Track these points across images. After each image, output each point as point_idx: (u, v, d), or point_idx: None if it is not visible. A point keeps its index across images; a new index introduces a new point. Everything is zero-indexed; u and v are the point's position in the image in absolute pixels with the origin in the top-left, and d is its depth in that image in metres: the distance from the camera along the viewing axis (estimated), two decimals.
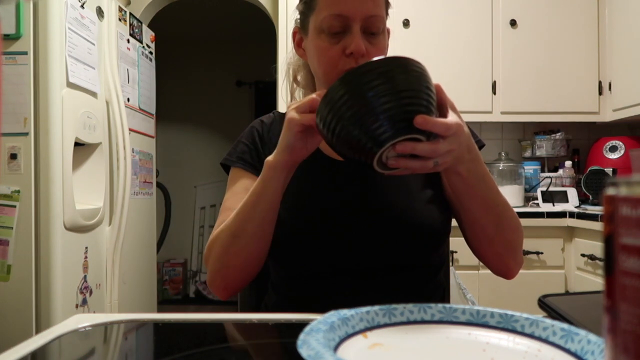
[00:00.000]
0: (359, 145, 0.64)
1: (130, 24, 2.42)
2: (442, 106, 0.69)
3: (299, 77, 0.99)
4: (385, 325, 0.56)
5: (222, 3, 3.75)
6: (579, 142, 2.81)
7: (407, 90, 0.63)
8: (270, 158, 0.76)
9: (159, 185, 4.35)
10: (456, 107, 0.71)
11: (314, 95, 0.70)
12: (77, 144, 1.89)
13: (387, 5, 0.87)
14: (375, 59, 0.64)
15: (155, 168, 2.79)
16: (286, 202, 0.86)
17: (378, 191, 0.86)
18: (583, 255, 2.08)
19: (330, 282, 0.85)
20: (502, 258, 0.83)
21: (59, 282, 1.75)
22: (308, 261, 0.86)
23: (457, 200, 0.79)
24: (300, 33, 0.90)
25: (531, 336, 0.53)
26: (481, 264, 0.87)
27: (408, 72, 0.64)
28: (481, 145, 0.87)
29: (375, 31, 0.81)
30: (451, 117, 0.67)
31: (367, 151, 0.65)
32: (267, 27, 3.22)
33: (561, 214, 2.19)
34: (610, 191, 0.27)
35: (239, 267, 0.82)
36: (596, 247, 2.02)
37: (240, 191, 0.86)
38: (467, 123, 0.80)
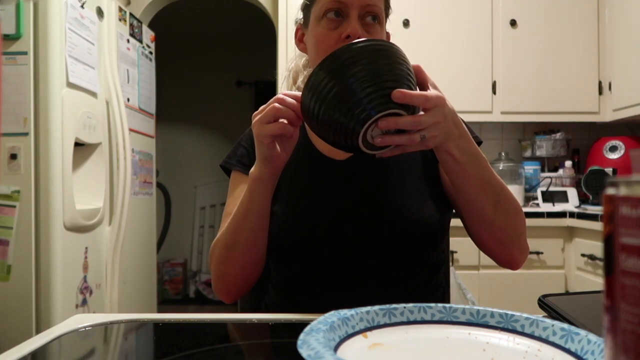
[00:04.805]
0: (342, 127, 0.65)
1: (130, 24, 2.42)
2: (423, 85, 0.70)
3: (298, 81, 0.99)
4: (385, 325, 0.56)
5: (222, 3, 3.75)
6: (579, 142, 2.81)
7: (384, 69, 0.64)
8: (253, 171, 0.78)
9: (159, 185, 4.35)
10: (438, 86, 0.71)
11: (276, 104, 0.71)
12: (77, 144, 1.89)
13: (388, 6, 0.88)
14: (353, 41, 0.66)
15: (155, 168, 2.79)
16: (284, 203, 0.86)
17: (376, 189, 0.86)
18: (583, 255, 2.08)
19: (330, 282, 0.85)
20: (505, 246, 0.82)
21: (59, 282, 1.75)
22: (307, 261, 0.86)
23: (453, 184, 0.78)
24: (302, 29, 0.91)
25: (531, 336, 0.53)
26: (481, 264, 0.86)
27: (385, 52, 0.65)
28: (479, 142, 0.87)
29: (372, 20, 0.82)
30: (432, 92, 0.68)
31: (351, 132, 0.65)
32: (267, 27, 3.22)
33: (561, 214, 2.19)
34: (610, 191, 0.27)
35: (237, 275, 0.85)
36: (596, 247, 2.02)
37: (240, 196, 0.86)
38: (467, 123, 0.80)
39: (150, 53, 2.70)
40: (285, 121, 0.71)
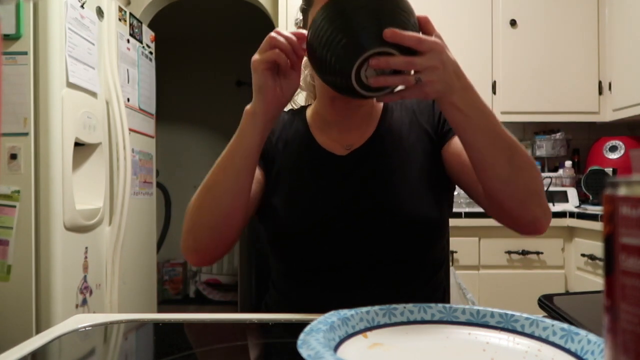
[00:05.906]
0: (336, 63, 0.66)
1: (130, 24, 2.42)
2: (429, 35, 0.69)
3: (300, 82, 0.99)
4: (385, 325, 0.56)
5: (222, 3, 3.75)
6: (579, 142, 2.81)
7: (385, 13, 0.65)
8: (248, 106, 0.78)
9: (159, 185, 4.34)
10: (444, 41, 0.69)
11: (272, 34, 0.73)
12: (77, 144, 1.89)
13: None
14: None
15: (155, 168, 2.79)
16: (284, 197, 0.86)
17: (376, 184, 0.86)
18: (583, 255, 2.08)
19: (330, 278, 0.85)
20: (525, 205, 0.75)
21: (59, 282, 1.75)
22: (308, 256, 0.86)
23: (463, 142, 0.74)
24: None
25: (531, 336, 0.53)
26: (481, 264, 0.86)
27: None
28: None
29: None
30: (428, 37, 0.67)
31: (344, 70, 0.66)
32: (267, 27, 3.21)
33: (561, 214, 2.19)
34: (610, 191, 0.27)
35: (211, 225, 0.79)
36: (596, 247, 2.02)
37: None
38: None
39: (150, 53, 2.70)
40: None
